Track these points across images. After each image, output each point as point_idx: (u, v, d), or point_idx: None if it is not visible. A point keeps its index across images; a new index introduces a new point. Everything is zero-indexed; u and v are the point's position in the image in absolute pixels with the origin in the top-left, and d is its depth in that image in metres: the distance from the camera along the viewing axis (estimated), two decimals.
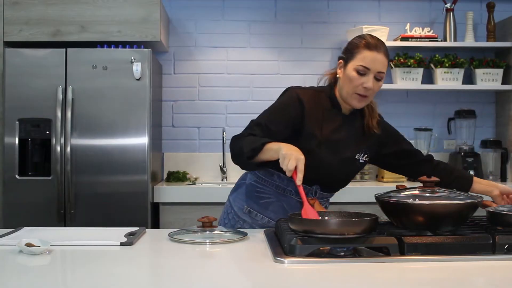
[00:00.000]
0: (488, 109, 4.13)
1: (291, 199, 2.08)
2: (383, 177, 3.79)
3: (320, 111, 2.05)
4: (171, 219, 3.34)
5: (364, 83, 1.97)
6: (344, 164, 2.07)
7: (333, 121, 2.06)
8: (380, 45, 2.01)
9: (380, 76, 1.99)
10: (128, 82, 3.31)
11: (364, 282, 1.38)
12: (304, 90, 2.09)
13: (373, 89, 2.00)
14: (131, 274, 1.49)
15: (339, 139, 2.05)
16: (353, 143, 2.09)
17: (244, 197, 2.14)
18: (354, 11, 4.08)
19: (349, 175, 2.15)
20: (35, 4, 3.43)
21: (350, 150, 2.08)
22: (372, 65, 1.97)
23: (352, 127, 2.09)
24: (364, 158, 2.12)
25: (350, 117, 2.10)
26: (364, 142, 2.11)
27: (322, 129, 2.03)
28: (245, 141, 1.94)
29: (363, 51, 2.00)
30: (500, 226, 1.73)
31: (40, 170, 3.32)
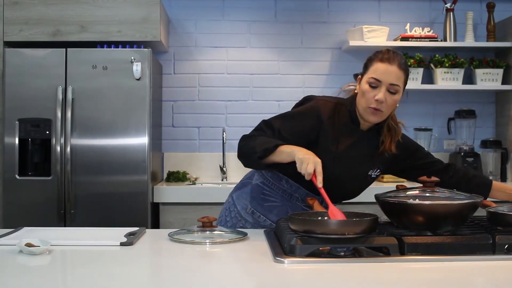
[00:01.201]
0: (488, 109, 4.13)
1: (296, 205, 2.07)
2: (383, 177, 3.79)
3: (338, 125, 2.02)
4: (171, 219, 3.34)
5: (376, 95, 1.94)
6: (356, 180, 2.07)
7: (350, 136, 2.03)
8: (394, 58, 1.96)
9: (394, 89, 1.94)
10: (128, 82, 3.31)
11: (364, 282, 1.38)
12: (326, 101, 2.05)
13: (387, 103, 1.95)
14: (131, 274, 1.49)
15: (354, 155, 2.03)
16: (367, 159, 2.06)
17: (248, 197, 2.12)
18: (354, 11, 4.08)
19: (360, 190, 2.14)
20: (35, 4, 3.43)
21: (364, 166, 2.06)
22: (383, 77, 1.93)
23: (368, 144, 2.06)
24: (376, 173, 2.10)
25: (368, 133, 2.07)
26: (379, 159, 2.08)
27: (338, 144, 2.01)
28: (257, 140, 1.93)
29: (375, 63, 1.97)
30: (500, 226, 1.73)
31: (40, 170, 3.32)
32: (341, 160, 2.00)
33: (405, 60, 2.03)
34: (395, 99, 1.97)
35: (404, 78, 1.98)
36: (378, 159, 2.08)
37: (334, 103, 2.05)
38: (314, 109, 2.01)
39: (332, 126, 2.00)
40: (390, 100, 1.96)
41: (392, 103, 1.97)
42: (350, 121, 2.04)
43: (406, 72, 1.99)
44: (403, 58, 2.00)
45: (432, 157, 2.24)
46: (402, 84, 1.97)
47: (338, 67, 4.07)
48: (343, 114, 2.04)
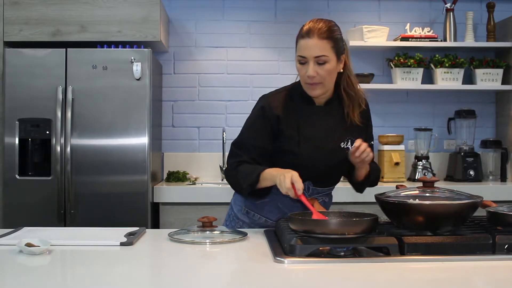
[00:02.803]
0: (488, 109, 4.13)
1: (285, 198, 2.07)
2: (383, 177, 3.79)
3: (294, 110, 2.05)
4: (171, 219, 3.34)
5: (306, 71, 1.97)
6: (328, 157, 2.05)
7: (309, 116, 2.06)
8: (313, 30, 1.96)
9: (321, 60, 1.95)
10: (128, 82, 3.31)
11: (364, 282, 1.38)
12: (275, 94, 2.11)
13: (320, 75, 1.97)
14: (131, 274, 1.49)
15: (318, 132, 2.05)
16: (334, 133, 2.07)
17: (242, 198, 2.16)
18: (354, 11, 4.08)
19: (339, 166, 2.11)
20: (35, 4, 3.43)
21: (333, 141, 2.06)
22: (306, 52, 1.96)
23: (330, 117, 2.07)
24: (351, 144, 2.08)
25: (326, 107, 2.08)
26: (348, 130, 2.08)
27: (299, 128, 2.04)
28: (239, 174, 2.01)
29: (299, 41, 2.01)
30: (500, 226, 1.73)
31: (40, 170, 3.32)
32: (307, 141, 2.03)
33: (329, 25, 1.99)
34: (327, 69, 1.97)
35: (330, 44, 1.96)
36: (347, 130, 2.08)
37: (284, 92, 2.11)
38: (264, 109, 2.06)
39: (289, 113, 2.04)
40: (323, 71, 1.97)
41: (326, 73, 1.97)
42: (304, 101, 2.07)
43: (331, 38, 1.97)
44: (326, 24, 1.98)
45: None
46: (329, 52, 1.96)
47: None
48: (296, 97, 2.07)
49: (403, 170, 3.80)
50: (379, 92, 4.07)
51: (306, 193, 2.06)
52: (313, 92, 2.02)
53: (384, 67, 4.08)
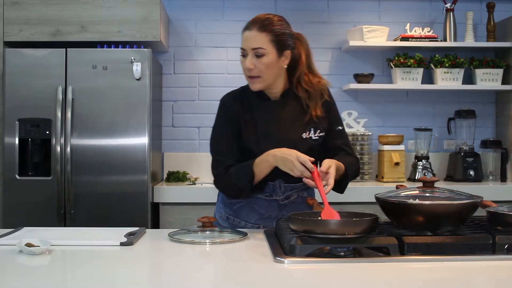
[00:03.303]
0: (488, 109, 4.13)
1: (258, 199, 2.08)
2: (383, 177, 3.79)
3: (250, 108, 2.06)
4: (171, 219, 3.34)
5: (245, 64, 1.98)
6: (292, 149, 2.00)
7: (265, 111, 2.06)
8: (255, 22, 1.98)
9: (259, 53, 1.95)
10: (128, 82, 3.31)
11: (364, 282, 1.38)
12: (231, 93, 2.13)
13: (258, 68, 1.96)
14: (131, 274, 1.49)
15: (276, 127, 2.04)
16: (294, 124, 2.05)
17: (221, 205, 2.17)
18: (354, 11, 4.08)
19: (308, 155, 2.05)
20: (35, 4, 3.43)
21: (293, 133, 2.04)
22: (245, 44, 1.97)
23: (287, 110, 2.06)
24: (317, 134, 2.06)
25: (283, 100, 2.07)
26: (310, 119, 2.05)
27: (256, 125, 2.04)
28: (232, 178, 1.99)
29: (242, 34, 2.01)
30: (500, 226, 1.73)
31: (40, 170, 3.32)
32: (266, 137, 2.02)
33: (273, 19, 2.00)
34: (264, 62, 1.96)
35: (269, 37, 1.96)
36: (309, 120, 2.05)
37: (240, 90, 2.13)
38: (223, 108, 2.09)
39: (245, 111, 2.05)
40: (260, 65, 1.96)
41: (264, 66, 1.96)
42: (260, 97, 2.07)
43: (271, 32, 1.96)
44: (269, 18, 1.99)
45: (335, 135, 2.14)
46: (267, 45, 1.95)
47: (338, 67, 4.07)
48: (251, 94, 2.08)
49: (403, 170, 3.80)
50: (379, 92, 4.07)
51: (279, 191, 2.06)
52: (253, 86, 2.02)
53: (384, 67, 4.08)
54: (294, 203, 2.10)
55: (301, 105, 2.06)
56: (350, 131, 3.87)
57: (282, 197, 2.07)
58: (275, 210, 2.08)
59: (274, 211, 2.08)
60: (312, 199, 2.08)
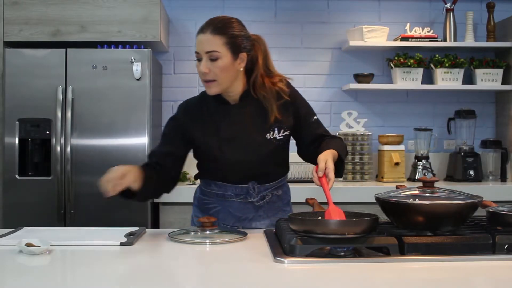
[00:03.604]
0: (488, 109, 4.13)
1: (233, 202, 2.08)
2: (383, 177, 3.79)
3: (210, 115, 2.03)
4: (171, 219, 3.34)
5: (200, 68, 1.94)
6: (256, 152, 2.02)
7: (226, 117, 2.03)
8: (208, 25, 1.93)
9: (214, 56, 1.91)
10: (128, 82, 3.31)
11: (364, 282, 1.38)
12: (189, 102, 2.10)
13: (213, 71, 1.92)
14: (131, 274, 1.49)
15: (238, 131, 2.02)
16: (257, 126, 2.02)
17: (198, 210, 2.18)
18: (354, 11, 4.08)
19: (272, 157, 2.05)
20: (35, 4, 3.43)
21: (256, 135, 2.02)
22: (199, 48, 1.93)
23: (248, 112, 2.03)
24: (282, 134, 2.03)
25: (242, 103, 2.04)
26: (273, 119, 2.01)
27: (218, 132, 2.01)
28: None
29: (196, 37, 1.97)
30: (500, 226, 1.73)
31: (40, 170, 3.32)
32: (229, 143, 2.01)
33: (226, 21, 1.95)
34: (219, 66, 1.92)
35: (223, 40, 1.91)
36: (272, 120, 2.01)
37: (198, 97, 2.10)
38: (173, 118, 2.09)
39: (205, 119, 2.03)
40: (215, 68, 1.92)
41: (219, 70, 1.92)
42: (219, 103, 2.05)
43: (225, 34, 1.92)
44: (222, 21, 1.95)
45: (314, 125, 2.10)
46: (220, 48, 1.91)
47: (338, 67, 4.07)
48: (210, 100, 2.05)
49: (403, 170, 3.80)
50: (379, 92, 4.07)
51: (253, 193, 2.06)
52: (209, 90, 1.97)
53: (384, 67, 4.08)
54: (270, 202, 2.10)
55: (262, 106, 2.02)
56: (350, 131, 3.88)
57: (257, 198, 2.07)
58: (251, 211, 2.08)
59: (251, 212, 2.08)
60: (312, 199, 2.08)
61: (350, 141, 3.84)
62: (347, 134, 3.85)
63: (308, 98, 2.19)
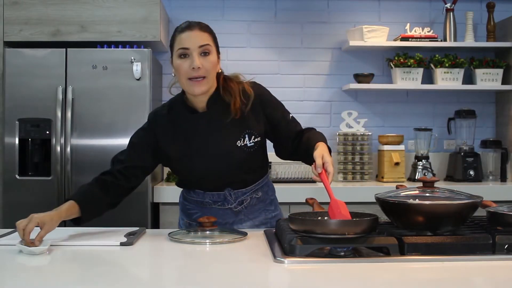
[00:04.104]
0: (488, 109, 4.13)
1: (212, 208, 2.07)
2: (383, 177, 3.79)
3: (179, 126, 1.99)
4: (171, 219, 3.34)
5: (191, 64, 1.89)
6: (226, 160, 1.99)
7: (195, 127, 1.99)
8: (193, 24, 1.94)
9: (206, 49, 1.90)
10: (128, 82, 3.31)
11: (364, 282, 1.38)
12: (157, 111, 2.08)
13: (205, 67, 1.90)
14: (131, 274, 1.49)
15: (207, 140, 1.98)
16: (226, 134, 1.98)
17: (182, 214, 2.19)
18: (354, 11, 4.08)
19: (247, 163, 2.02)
20: (35, 4, 3.43)
21: (226, 143, 1.98)
22: (188, 43, 1.89)
23: (217, 121, 1.98)
24: (253, 141, 2.00)
25: (210, 111, 1.99)
26: (242, 126, 1.99)
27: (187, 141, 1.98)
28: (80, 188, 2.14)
29: (177, 37, 1.94)
30: (500, 226, 1.73)
31: (40, 170, 3.32)
32: (200, 154, 1.98)
33: (207, 24, 1.99)
34: (211, 60, 1.92)
35: (211, 37, 1.94)
36: (242, 127, 1.99)
37: (168, 106, 2.06)
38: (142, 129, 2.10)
39: (175, 131, 2.00)
40: (207, 63, 1.91)
41: (210, 65, 1.91)
42: (187, 111, 2.01)
43: (211, 32, 1.96)
44: (203, 23, 1.98)
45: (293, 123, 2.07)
46: (211, 42, 1.93)
47: (338, 67, 4.07)
48: (178, 109, 2.02)
49: (403, 170, 3.80)
50: (379, 92, 4.07)
51: (231, 199, 2.05)
52: (198, 88, 1.91)
53: (384, 67, 4.08)
54: (249, 205, 2.09)
55: (229, 113, 1.98)
56: (350, 131, 3.88)
57: (235, 204, 2.06)
58: (230, 216, 2.08)
59: (230, 217, 2.08)
60: (312, 199, 2.08)
61: (350, 141, 3.84)
62: (347, 134, 3.85)
63: (308, 98, 2.20)
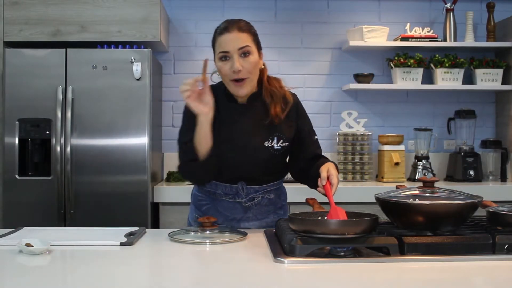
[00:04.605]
0: (488, 109, 4.13)
1: (222, 201, 2.09)
2: (383, 177, 3.79)
3: (216, 108, 1.99)
4: (171, 219, 3.34)
5: (231, 67, 1.91)
6: (251, 157, 2.01)
7: (229, 115, 2.02)
8: (232, 24, 1.93)
9: (246, 51, 1.92)
10: (128, 82, 3.31)
11: (364, 282, 1.38)
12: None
13: (246, 68, 1.92)
14: (131, 274, 1.49)
15: (238, 133, 2.00)
16: (257, 131, 2.01)
17: (193, 206, 2.20)
18: (354, 11, 4.08)
19: (267, 165, 2.05)
20: (35, 4, 3.43)
21: (255, 140, 2.00)
22: (228, 46, 1.91)
23: (252, 116, 2.01)
24: (280, 144, 2.02)
25: (249, 106, 2.02)
26: (273, 128, 2.01)
27: (219, 128, 1.99)
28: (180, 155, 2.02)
29: (217, 39, 1.95)
30: (500, 226, 1.73)
31: (40, 170, 3.32)
32: (228, 142, 1.99)
33: (246, 22, 1.97)
34: (251, 61, 1.93)
35: (251, 37, 1.94)
36: (274, 129, 2.01)
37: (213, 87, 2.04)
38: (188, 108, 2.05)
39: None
40: (247, 64, 1.92)
41: (251, 66, 1.93)
42: (227, 99, 2.03)
43: (250, 31, 1.95)
44: (243, 21, 1.97)
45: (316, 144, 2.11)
46: (251, 43, 1.94)
47: (338, 67, 4.07)
48: (219, 95, 2.02)
49: (403, 170, 3.80)
50: (379, 92, 4.07)
51: (242, 193, 2.06)
52: (241, 90, 1.95)
53: (384, 67, 4.08)
54: (259, 205, 2.09)
55: (266, 112, 2.02)
56: (350, 131, 3.88)
57: (245, 199, 2.07)
58: (239, 212, 2.09)
59: (239, 213, 2.09)
60: (312, 199, 2.08)
61: (350, 141, 3.84)
62: (347, 134, 3.85)
63: (308, 98, 2.20)
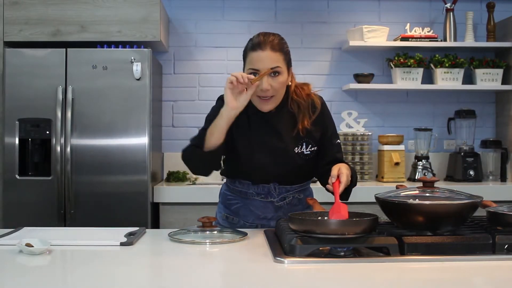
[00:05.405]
0: (488, 109, 4.13)
1: (254, 200, 2.11)
2: (383, 177, 3.79)
3: (246, 114, 2.02)
4: (171, 219, 3.34)
5: (259, 85, 1.93)
6: (282, 160, 2.04)
7: (260, 121, 2.04)
8: (264, 42, 1.94)
9: (276, 71, 1.94)
10: (128, 82, 3.31)
11: (364, 282, 1.38)
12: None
13: (273, 88, 1.95)
14: (131, 274, 1.49)
15: (268, 137, 2.04)
16: (286, 138, 2.04)
17: (222, 206, 2.22)
18: (354, 11, 4.08)
19: (298, 169, 2.08)
20: (35, 4, 3.43)
21: (285, 145, 2.04)
22: (259, 65, 1.93)
23: (280, 123, 2.05)
24: (309, 149, 2.06)
25: (277, 113, 2.05)
26: (304, 135, 2.05)
27: (251, 132, 2.03)
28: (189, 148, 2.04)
29: (249, 54, 1.97)
30: (500, 226, 1.73)
31: (40, 170, 3.32)
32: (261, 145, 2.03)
33: (280, 38, 1.99)
34: (280, 81, 1.96)
35: (282, 57, 1.96)
36: (303, 135, 2.05)
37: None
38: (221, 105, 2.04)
39: (241, 117, 2.00)
40: (277, 84, 1.95)
41: (279, 85, 1.96)
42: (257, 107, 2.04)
43: (282, 50, 1.97)
44: (277, 37, 1.98)
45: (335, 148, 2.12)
46: (282, 63, 1.96)
47: (338, 67, 4.07)
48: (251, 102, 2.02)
49: (403, 170, 3.80)
50: (379, 92, 4.07)
51: (274, 193, 2.08)
52: (265, 106, 1.99)
53: (384, 67, 4.08)
54: (290, 204, 2.11)
55: (294, 120, 2.05)
56: (350, 131, 3.88)
57: (277, 199, 2.09)
58: (270, 211, 2.11)
59: (270, 212, 2.11)
60: (312, 199, 2.09)
61: (350, 141, 3.84)
62: (347, 134, 3.85)
63: None
